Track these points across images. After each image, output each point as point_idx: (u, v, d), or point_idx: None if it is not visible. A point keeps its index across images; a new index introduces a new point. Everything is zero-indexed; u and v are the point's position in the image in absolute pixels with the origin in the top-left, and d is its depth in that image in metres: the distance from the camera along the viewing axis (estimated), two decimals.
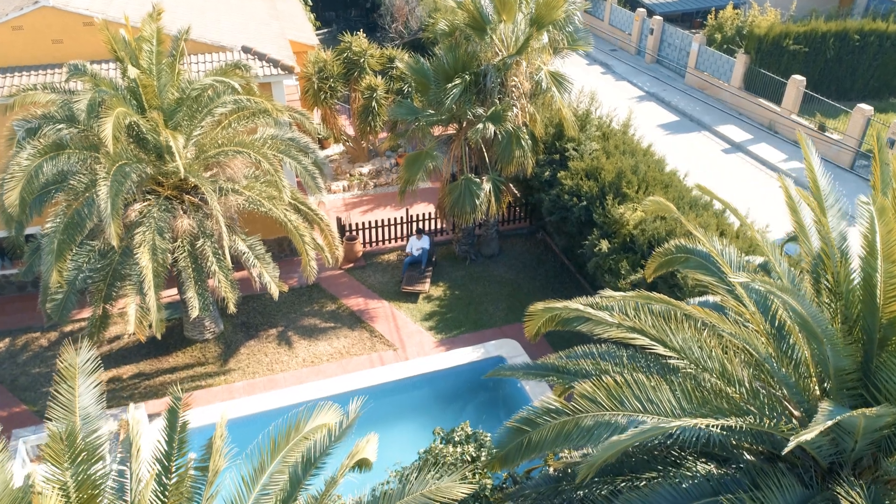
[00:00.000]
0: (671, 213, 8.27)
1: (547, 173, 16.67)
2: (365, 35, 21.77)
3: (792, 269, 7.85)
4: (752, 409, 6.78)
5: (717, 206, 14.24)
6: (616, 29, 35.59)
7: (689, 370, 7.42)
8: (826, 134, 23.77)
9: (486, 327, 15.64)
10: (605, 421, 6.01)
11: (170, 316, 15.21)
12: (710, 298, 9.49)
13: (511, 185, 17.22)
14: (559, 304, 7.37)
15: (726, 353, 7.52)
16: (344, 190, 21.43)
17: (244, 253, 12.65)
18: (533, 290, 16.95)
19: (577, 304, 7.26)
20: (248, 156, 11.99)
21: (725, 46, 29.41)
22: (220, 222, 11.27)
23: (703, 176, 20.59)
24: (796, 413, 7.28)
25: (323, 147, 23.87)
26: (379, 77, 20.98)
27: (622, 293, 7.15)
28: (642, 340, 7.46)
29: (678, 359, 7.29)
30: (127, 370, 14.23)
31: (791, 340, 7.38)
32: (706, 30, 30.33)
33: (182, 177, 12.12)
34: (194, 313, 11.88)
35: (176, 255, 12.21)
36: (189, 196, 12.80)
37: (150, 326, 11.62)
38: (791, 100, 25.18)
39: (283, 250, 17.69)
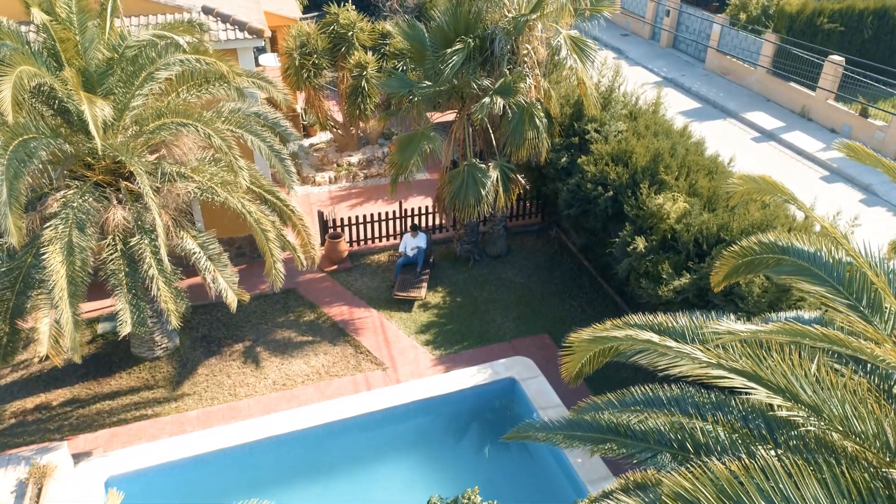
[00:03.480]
0: (778, 195, 5.77)
1: (564, 159, 14.17)
2: (355, 9, 19.22)
3: None
4: None
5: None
6: (628, 12, 33.13)
7: (810, 426, 4.93)
8: (870, 120, 21.30)
9: (494, 341, 13.12)
10: None
11: (114, 329, 12.70)
12: (805, 314, 6.99)
13: (520, 174, 14.71)
14: (618, 333, 4.89)
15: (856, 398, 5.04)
16: (330, 182, 18.91)
17: (194, 253, 10.15)
18: (547, 295, 14.45)
19: (649, 334, 4.79)
20: (196, 130, 9.47)
21: (751, 27, 26.97)
22: (154, 213, 8.76)
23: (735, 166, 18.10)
24: None
25: (309, 135, 21.42)
26: (370, 53, 18.45)
27: (752, 326, 4.61)
28: (733, 382, 4.98)
29: (796, 411, 4.80)
30: (58, 395, 11.72)
31: None
32: (729, 9, 27.86)
33: (112, 157, 9.64)
34: (125, 330, 9.37)
35: (105, 255, 9.71)
36: (127, 182, 10.30)
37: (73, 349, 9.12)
38: (828, 83, 22.69)
39: (257, 250, 15.16)
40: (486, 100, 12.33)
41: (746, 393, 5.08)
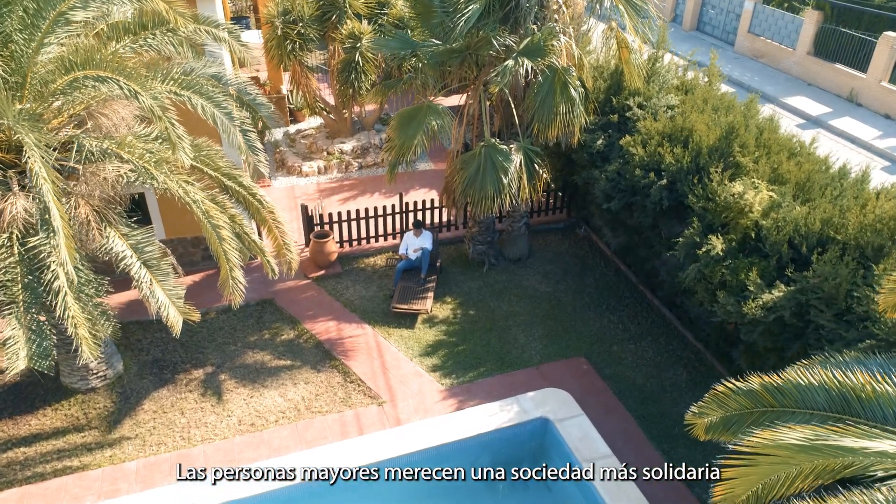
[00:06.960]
0: None
1: (600, 142, 11.59)
2: None
3: None
4: None
5: (876, 187, 9.13)
6: None
7: None
8: None
9: (518, 366, 10.54)
10: None
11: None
12: None
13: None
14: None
15: None
16: (319, 172, 16.32)
17: (124, 257, 7.55)
18: (580, 308, 11.86)
19: None
20: (119, 87, 6.87)
21: (786, 4, 24.47)
22: (48, 197, 6.17)
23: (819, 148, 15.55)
24: None
25: (296, 120, 18.87)
26: (365, 23, 15.87)
27: None
28: None
29: None
30: None
31: None
32: None
33: (11, 128, 7.04)
34: (17, 365, 6.76)
35: None
36: None
37: None
38: (882, 63, 20.12)
39: None
40: (510, 62, 9.75)
41: None
